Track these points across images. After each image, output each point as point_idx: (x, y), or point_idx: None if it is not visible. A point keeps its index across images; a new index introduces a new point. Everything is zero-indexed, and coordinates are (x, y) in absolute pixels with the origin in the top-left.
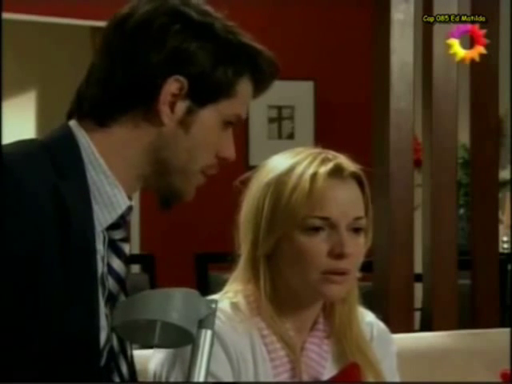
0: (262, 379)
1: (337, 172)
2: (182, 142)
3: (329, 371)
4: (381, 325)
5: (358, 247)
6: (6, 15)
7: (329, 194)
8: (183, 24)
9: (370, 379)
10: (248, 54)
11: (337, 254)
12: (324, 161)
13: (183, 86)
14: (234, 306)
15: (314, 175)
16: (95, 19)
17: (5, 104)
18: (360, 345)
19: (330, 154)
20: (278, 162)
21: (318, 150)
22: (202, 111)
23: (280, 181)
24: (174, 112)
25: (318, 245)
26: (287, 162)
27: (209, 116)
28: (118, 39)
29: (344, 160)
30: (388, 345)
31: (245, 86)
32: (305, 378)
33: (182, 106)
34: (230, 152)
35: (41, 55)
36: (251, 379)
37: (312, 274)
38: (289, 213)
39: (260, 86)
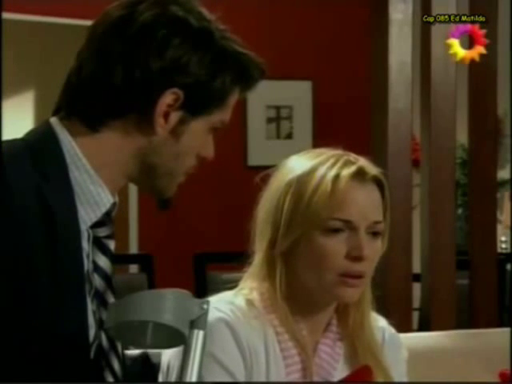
0: (273, 376)
1: (359, 175)
2: (171, 149)
3: (339, 373)
4: (392, 330)
5: (374, 251)
6: (5, 15)
7: (351, 197)
8: (183, 36)
9: (381, 381)
10: (240, 63)
11: (355, 257)
12: (346, 163)
13: (179, 97)
14: (249, 302)
15: (337, 177)
16: (94, 19)
17: (3, 104)
18: (372, 347)
19: (352, 156)
20: (299, 162)
21: (339, 152)
22: (193, 121)
23: (301, 181)
24: (168, 122)
25: (337, 246)
26: (309, 163)
27: (199, 125)
28: (117, 42)
29: (366, 163)
30: (398, 350)
31: (235, 94)
32: (315, 378)
33: (175, 117)
34: (210, 152)
35: (39, 55)
36: (263, 375)
37: (328, 275)
38: (309, 213)
39: (246, 91)
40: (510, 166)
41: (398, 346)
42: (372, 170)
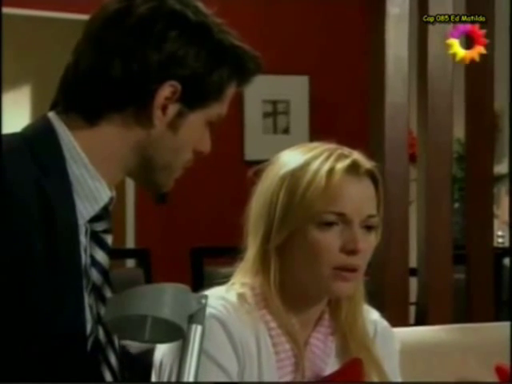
0: (265, 371)
1: (353, 168)
2: (168, 142)
3: (331, 367)
4: (384, 323)
5: (369, 244)
6: (3, 9)
7: (345, 191)
8: (181, 29)
9: (373, 376)
10: (237, 56)
11: (349, 250)
12: (340, 157)
13: (177, 90)
14: (241, 297)
15: (331, 171)
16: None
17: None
18: (364, 341)
19: (345, 150)
20: (293, 157)
21: (333, 146)
22: (191, 114)
23: (295, 175)
24: (165, 115)
25: (331, 240)
26: (302, 157)
27: (196, 118)
28: (115, 35)
29: (359, 157)
30: (391, 343)
31: (232, 88)
32: (307, 373)
33: (173, 109)
34: (206, 146)
35: (36, 50)
36: (255, 370)
37: (323, 269)
38: (304, 207)
39: (242, 84)
40: (507, 161)
41: (391, 339)
42: (366, 163)
